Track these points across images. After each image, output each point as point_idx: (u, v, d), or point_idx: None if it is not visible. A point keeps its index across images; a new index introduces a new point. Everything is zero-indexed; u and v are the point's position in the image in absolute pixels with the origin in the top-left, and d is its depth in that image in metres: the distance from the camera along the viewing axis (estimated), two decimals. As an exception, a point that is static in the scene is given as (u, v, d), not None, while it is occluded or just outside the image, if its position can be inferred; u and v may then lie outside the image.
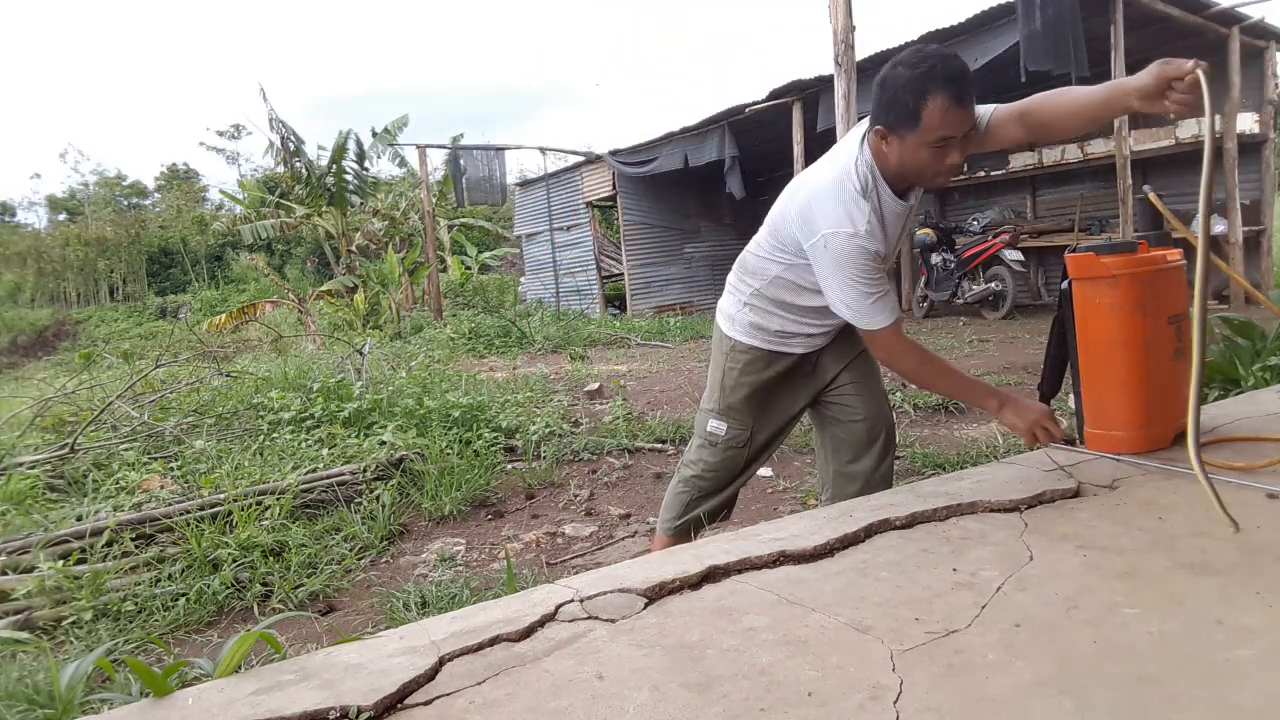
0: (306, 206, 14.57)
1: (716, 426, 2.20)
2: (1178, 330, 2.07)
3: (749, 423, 2.20)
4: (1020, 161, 10.15)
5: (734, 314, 2.19)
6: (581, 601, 1.37)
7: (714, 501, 2.26)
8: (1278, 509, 1.60)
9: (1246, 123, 8.58)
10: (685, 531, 2.22)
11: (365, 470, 3.74)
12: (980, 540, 1.54)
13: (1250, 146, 8.96)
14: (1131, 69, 8.55)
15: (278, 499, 3.33)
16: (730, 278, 2.23)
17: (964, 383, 2.06)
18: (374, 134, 14.25)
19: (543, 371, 7.24)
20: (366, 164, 14.33)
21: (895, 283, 12.20)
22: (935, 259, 10.53)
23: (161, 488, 3.65)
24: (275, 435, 4.47)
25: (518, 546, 3.25)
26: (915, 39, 8.53)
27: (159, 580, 2.83)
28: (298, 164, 13.87)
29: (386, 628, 1.87)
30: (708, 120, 11.44)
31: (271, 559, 2.99)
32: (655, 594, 1.39)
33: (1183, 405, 2.11)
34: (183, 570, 2.88)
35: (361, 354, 6.31)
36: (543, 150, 14.26)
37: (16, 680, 1.95)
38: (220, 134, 33.80)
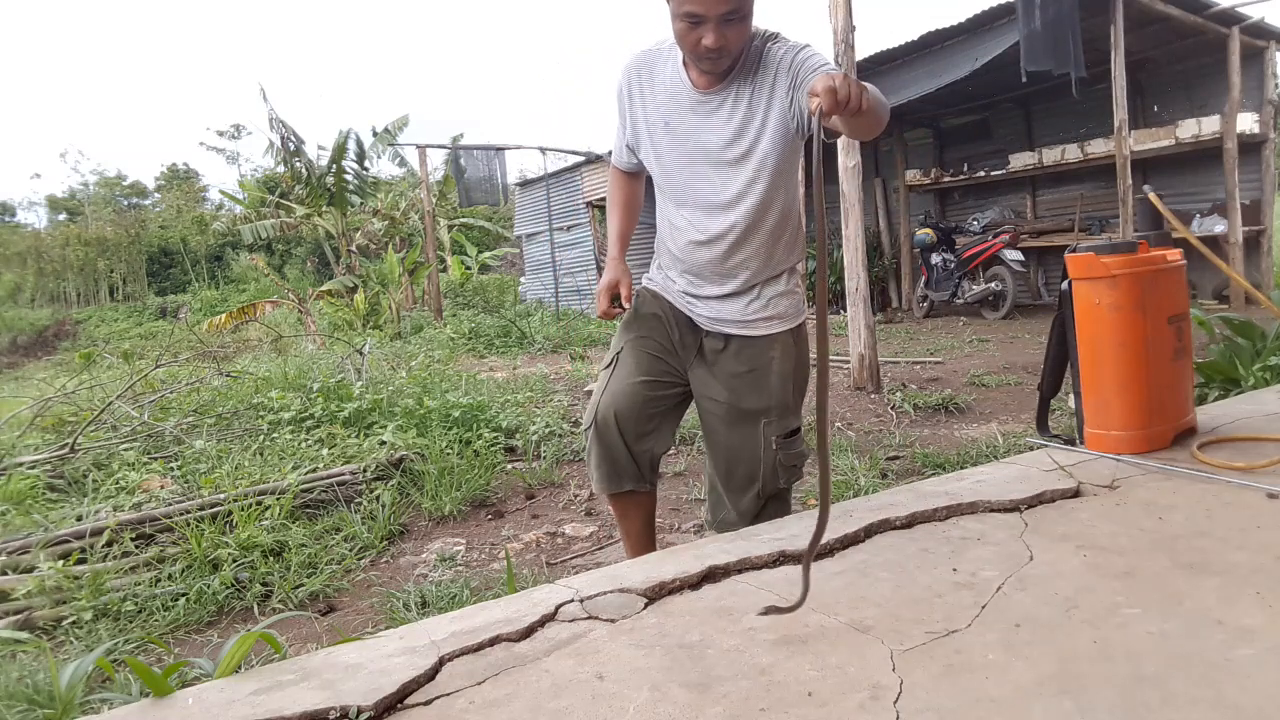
0: (306, 206, 14.55)
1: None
2: (1178, 330, 2.07)
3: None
4: (1020, 162, 10.14)
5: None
6: (581, 601, 1.37)
7: None
8: (1278, 509, 1.60)
9: (1246, 123, 8.56)
10: None
11: (365, 470, 3.74)
12: (980, 540, 1.54)
13: (1250, 146, 8.95)
14: (1131, 69, 8.55)
15: (278, 499, 3.32)
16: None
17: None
18: (374, 134, 14.23)
19: (543, 371, 7.24)
20: (366, 164, 14.32)
21: (895, 282, 12.21)
22: (935, 259, 10.53)
23: (161, 488, 3.65)
24: (275, 435, 4.47)
25: (518, 546, 3.24)
26: (915, 39, 8.53)
27: (159, 580, 2.83)
28: (298, 164, 13.85)
29: (386, 628, 1.87)
30: (708, 120, 11.41)
31: (271, 559, 2.98)
32: (655, 594, 1.39)
33: (1183, 405, 2.12)
34: (183, 570, 2.88)
35: (361, 354, 6.31)
36: (543, 150, 14.23)
37: (16, 680, 1.95)
38: (220, 134, 33.91)
